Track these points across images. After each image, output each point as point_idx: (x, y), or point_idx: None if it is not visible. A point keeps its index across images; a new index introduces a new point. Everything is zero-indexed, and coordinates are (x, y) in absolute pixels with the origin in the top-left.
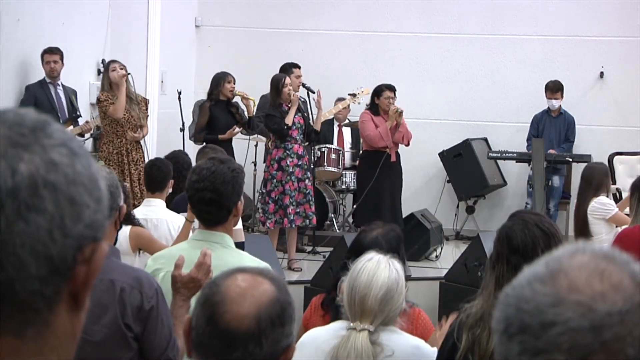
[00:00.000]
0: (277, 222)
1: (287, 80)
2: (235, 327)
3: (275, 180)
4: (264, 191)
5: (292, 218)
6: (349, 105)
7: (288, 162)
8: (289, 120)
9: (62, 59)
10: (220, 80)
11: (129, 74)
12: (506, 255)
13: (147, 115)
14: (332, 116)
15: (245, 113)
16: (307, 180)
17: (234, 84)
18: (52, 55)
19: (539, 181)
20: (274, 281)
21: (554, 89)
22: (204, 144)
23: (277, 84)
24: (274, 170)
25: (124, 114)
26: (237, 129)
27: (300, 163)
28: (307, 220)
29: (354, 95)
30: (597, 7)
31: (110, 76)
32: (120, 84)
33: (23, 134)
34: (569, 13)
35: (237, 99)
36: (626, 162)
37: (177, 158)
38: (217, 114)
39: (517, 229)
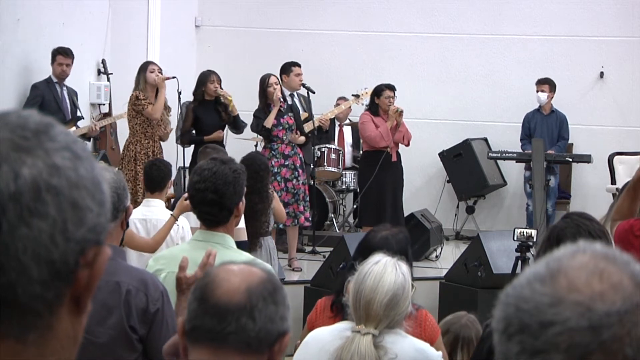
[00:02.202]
0: None
1: (272, 79)
2: (226, 301)
3: None
4: None
5: None
6: (350, 106)
7: (273, 163)
8: (267, 122)
9: (72, 61)
10: (203, 80)
11: (174, 77)
12: None
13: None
14: (333, 116)
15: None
16: (295, 180)
17: (218, 83)
18: (66, 58)
19: (538, 181)
20: (265, 270)
21: (542, 81)
22: (190, 145)
23: (261, 84)
24: None
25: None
26: (221, 133)
27: (286, 163)
28: (296, 220)
29: (357, 96)
30: (597, 7)
31: (149, 78)
32: (162, 86)
33: (26, 137)
34: (569, 13)
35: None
36: (626, 162)
37: (254, 159)
38: (201, 114)
39: (568, 233)
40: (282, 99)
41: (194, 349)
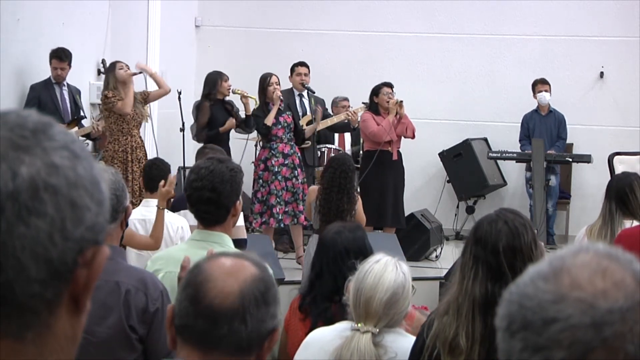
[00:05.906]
0: (264, 222)
1: (273, 79)
2: (219, 304)
3: (261, 181)
4: (252, 191)
5: (279, 217)
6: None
7: (273, 162)
8: (268, 120)
9: (70, 63)
10: (217, 79)
11: (140, 72)
12: (470, 244)
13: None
14: (332, 123)
15: (244, 111)
16: (294, 179)
17: (229, 82)
18: (60, 62)
19: (539, 181)
20: (257, 264)
21: (543, 81)
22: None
23: (262, 82)
24: (260, 171)
25: (131, 111)
26: (234, 120)
27: (286, 162)
28: (296, 219)
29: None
30: (597, 7)
31: (118, 75)
32: (129, 81)
33: (24, 136)
34: (569, 13)
35: (234, 97)
36: (626, 162)
37: (344, 160)
38: (216, 113)
39: (485, 221)
40: (281, 98)
41: (183, 347)
